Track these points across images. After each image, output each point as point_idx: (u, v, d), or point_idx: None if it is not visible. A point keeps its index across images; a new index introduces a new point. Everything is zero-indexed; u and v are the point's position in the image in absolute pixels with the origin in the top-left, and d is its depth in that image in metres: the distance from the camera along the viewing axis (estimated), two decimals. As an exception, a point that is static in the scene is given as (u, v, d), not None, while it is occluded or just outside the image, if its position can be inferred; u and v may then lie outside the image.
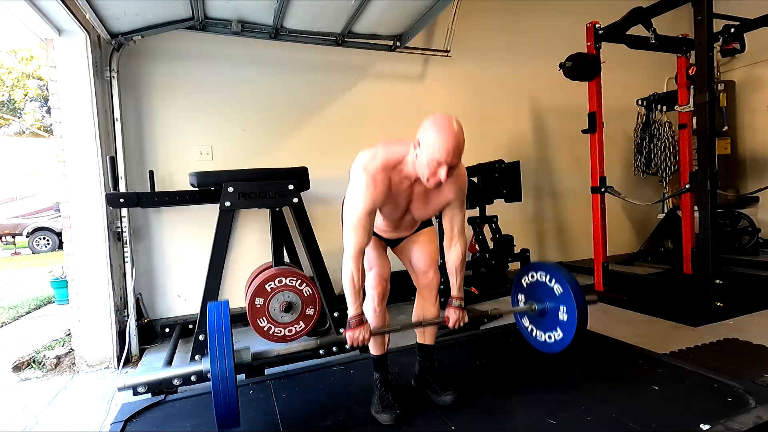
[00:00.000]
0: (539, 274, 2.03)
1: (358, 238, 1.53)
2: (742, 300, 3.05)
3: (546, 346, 2.03)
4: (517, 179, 3.58)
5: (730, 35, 3.63)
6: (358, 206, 1.52)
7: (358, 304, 1.58)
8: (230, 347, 1.44)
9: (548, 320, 2.00)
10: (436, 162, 1.42)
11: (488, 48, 4.31)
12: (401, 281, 2.09)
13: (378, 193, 1.51)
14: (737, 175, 5.02)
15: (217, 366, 1.41)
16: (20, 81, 15.71)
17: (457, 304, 1.73)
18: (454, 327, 1.73)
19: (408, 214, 1.67)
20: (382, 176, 1.52)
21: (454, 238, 1.72)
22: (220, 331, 1.46)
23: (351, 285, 1.55)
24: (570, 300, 1.85)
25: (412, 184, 1.59)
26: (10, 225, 11.59)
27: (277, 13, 2.95)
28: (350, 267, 1.54)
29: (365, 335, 1.57)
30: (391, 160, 1.54)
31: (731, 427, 1.47)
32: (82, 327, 2.58)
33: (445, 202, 1.66)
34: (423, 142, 1.44)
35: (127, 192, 2.73)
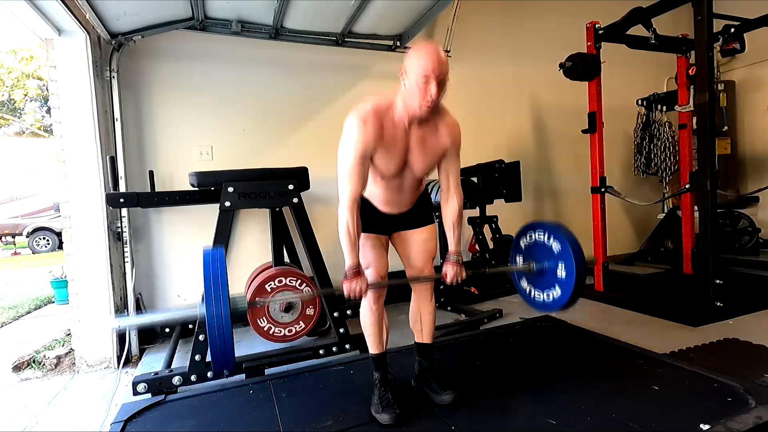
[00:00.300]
0: (537, 233, 2.01)
1: (352, 186, 1.54)
2: (742, 300, 3.05)
3: (544, 306, 2.00)
4: (517, 179, 3.57)
5: (730, 35, 3.63)
6: (350, 151, 1.53)
7: (354, 254, 1.56)
8: (226, 291, 1.42)
9: (547, 279, 1.97)
10: (423, 78, 1.45)
11: (488, 48, 4.31)
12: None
13: (369, 134, 1.52)
14: (737, 175, 5.01)
15: (213, 309, 1.40)
16: (20, 81, 15.71)
17: (455, 259, 1.72)
18: (452, 282, 1.72)
19: (407, 170, 1.64)
20: (373, 120, 1.53)
21: (451, 190, 1.72)
22: (216, 276, 1.44)
23: (347, 235, 1.55)
24: (569, 257, 1.83)
25: (407, 131, 1.59)
26: (10, 225, 11.59)
27: (277, 13, 2.95)
28: (345, 216, 1.54)
29: (362, 286, 1.56)
30: (381, 105, 1.57)
31: (731, 427, 1.47)
32: (82, 327, 2.58)
33: (442, 149, 1.65)
34: (408, 66, 1.49)
35: (127, 192, 2.73)
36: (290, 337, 2.51)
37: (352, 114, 1.56)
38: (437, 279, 1.76)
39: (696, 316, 2.81)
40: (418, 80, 1.46)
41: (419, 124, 1.60)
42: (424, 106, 1.49)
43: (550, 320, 2.76)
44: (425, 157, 1.63)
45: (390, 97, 1.60)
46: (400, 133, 1.58)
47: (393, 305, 3.35)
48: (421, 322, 1.85)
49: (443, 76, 1.48)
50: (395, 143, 1.57)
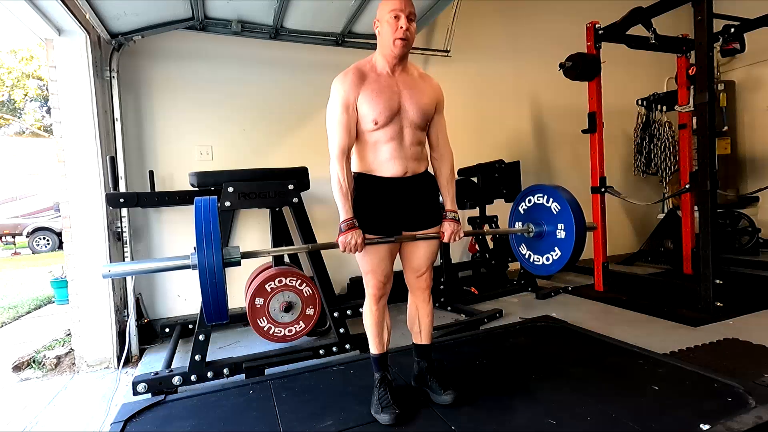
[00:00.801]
0: (536, 196, 2.00)
1: (339, 138, 1.59)
2: (742, 300, 3.06)
3: (543, 269, 2.00)
4: (517, 179, 3.58)
5: (730, 35, 3.63)
6: (333, 105, 1.61)
7: (348, 207, 1.58)
8: (218, 241, 1.40)
9: (546, 242, 1.97)
10: (393, 16, 1.55)
11: (488, 48, 4.31)
12: (401, 281, 2.09)
13: (348, 83, 1.59)
14: (737, 175, 5.01)
15: (205, 258, 1.38)
16: (20, 81, 15.70)
17: (452, 216, 1.73)
18: (449, 240, 1.72)
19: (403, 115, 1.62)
20: (353, 71, 1.61)
21: (440, 146, 1.76)
22: (208, 225, 1.42)
23: (339, 188, 1.58)
24: (568, 216, 1.83)
25: (391, 76, 1.63)
26: (10, 225, 11.59)
27: (277, 13, 2.95)
28: (336, 169, 1.58)
29: (357, 239, 1.56)
30: (361, 61, 1.67)
31: (731, 427, 1.47)
32: (82, 327, 2.58)
33: (433, 97, 1.69)
34: (379, 14, 1.61)
35: (127, 192, 2.73)
36: (290, 337, 2.51)
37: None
38: (436, 237, 1.73)
39: (696, 316, 2.81)
40: (389, 20, 1.56)
41: (403, 71, 1.66)
42: (398, 40, 1.56)
43: (550, 320, 2.76)
44: (419, 97, 1.65)
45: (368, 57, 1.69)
46: (384, 78, 1.63)
47: (393, 305, 3.34)
48: (420, 323, 1.85)
49: (410, 10, 1.58)
50: (381, 87, 1.60)
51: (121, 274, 1.56)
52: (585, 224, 1.85)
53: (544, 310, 3.11)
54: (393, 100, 1.60)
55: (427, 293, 1.83)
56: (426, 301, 1.83)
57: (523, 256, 2.14)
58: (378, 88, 1.59)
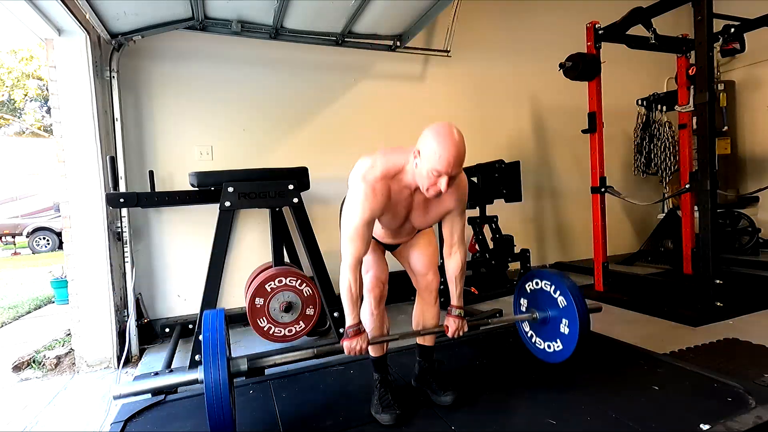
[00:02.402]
0: (543, 282, 2.02)
1: (356, 248, 1.52)
2: (742, 300, 3.05)
3: (545, 355, 2.03)
4: (517, 179, 3.58)
5: (730, 35, 3.63)
6: (356, 216, 1.50)
7: (355, 313, 1.57)
8: (224, 358, 1.43)
9: (549, 329, 1.99)
10: (436, 172, 1.40)
11: (488, 48, 4.31)
12: (400, 281, 2.09)
13: (377, 203, 1.49)
14: (737, 175, 5.01)
15: (211, 376, 1.41)
16: (20, 81, 15.71)
17: (457, 313, 1.72)
18: (453, 336, 1.73)
19: (407, 222, 1.66)
20: (381, 186, 1.49)
21: (454, 246, 1.71)
22: (215, 341, 1.46)
23: (349, 295, 1.54)
24: (573, 314, 1.85)
25: (412, 194, 1.57)
26: (10, 225, 11.59)
27: (277, 13, 2.95)
28: (348, 277, 1.53)
29: (362, 345, 1.57)
30: (390, 170, 1.51)
31: (731, 427, 1.47)
32: (82, 327, 2.58)
33: (445, 212, 1.65)
34: (423, 152, 1.41)
35: (127, 192, 2.73)
36: (290, 337, 2.51)
37: (361, 174, 1.51)
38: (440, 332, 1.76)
39: (696, 316, 2.81)
40: (430, 173, 1.41)
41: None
42: (431, 194, 1.47)
43: (550, 320, 2.76)
44: (426, 217, 1.65)
45: (400, 159, 1.53)
46: (404, 196, 1.57)
47: (393, 305, 3.37)
48: (424, 325, 1.85)
49: (457, 171, 1.43)
50: (399, 204, 1.57)
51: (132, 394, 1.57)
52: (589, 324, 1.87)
53: (544, 310, 3.10)
54: (404, 216, 1.62)
55: (434, 295, 1.83)
56: (432, 303, 1.84)
57: (526, 335, 2.17)
58: (397, 207, 1.57)
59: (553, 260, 4.69)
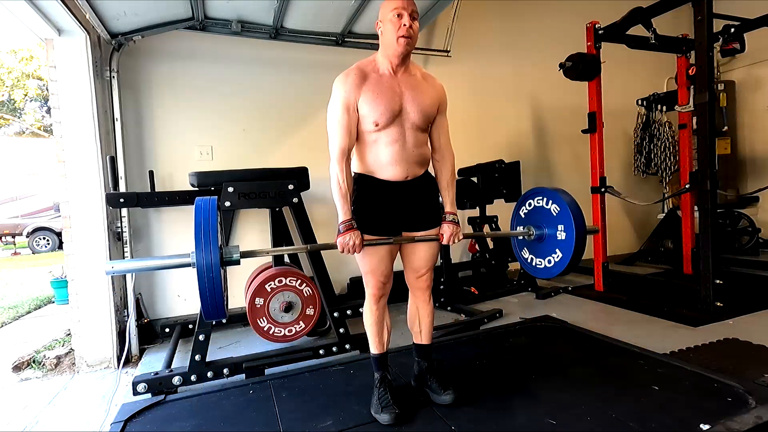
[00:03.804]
0: (536, 199, 2.01)
1: (340, 139, 1.58)
2: (742, 300, 3.06)
3: (545, 271, 2.00)
4: (517, 179, 3.58)
5: (730, 35, 3.63)
6: (334, 105, 1.60)
7: (347, 208, 1.58)
8: (216, 240, 1.41)
9: (547, 244, 1.97)
10: (396, 14, 1.54)
11: (488, 48, 4.30)
12: (401, 281, 2.09)
13: (350, 83, 1.58)
14: (737, 175, 5.01)
15: (203, 257, 1.39)
16: (20, 81, 15.71)
17: (451, 219, 1.72)
18: (449, 242, 1.71)
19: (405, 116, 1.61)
20: (354, 71, 1.60)
21: (442, 149, 1.75)
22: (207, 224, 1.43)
23: (338, 189, 1.58)
24: (567, 218, 1.83)
25: (393, 76, 1.63)
26: (10, 225, 11.59)
27: (277, 13, 2.95)
28: (335, 170, 1.58)
29: (356, 240, 1.56)
30: (363, 61, 1.66)
31: (731, 427, 1.47)
32: (82, 327, 2.58)
33: (436, 97, 1.68)
34: (381, 14, 1.60)
35: (127, 192, 2.73)
36: (290, 337, 2.51)
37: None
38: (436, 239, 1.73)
39: (696, 316, 2.81)
40: (392, 18, 1.55)
41: (405, 71, 1.65)
42: (401, 38, 1.55)
43: (550, 320, 2.76)
44: (421, 99, 1.64)
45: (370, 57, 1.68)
46: (386, 79, 1.62)
47: (393, 305, 3.35)
48: (420, 323, 1.85)
49: (413, 8, 1.58)
50: (382, 88, 1.60)
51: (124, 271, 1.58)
52: (585, 224, 1.85)
53: (544, 310, 3.11)
54: (394, 101, 1.59)
55: (428, 294, 1.83)
56: (426, 301, 1.83)
57: (526, 260, 2.14)
58: (379, 89, 1.59)
59: (553, 260, 4.68)
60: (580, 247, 1.83)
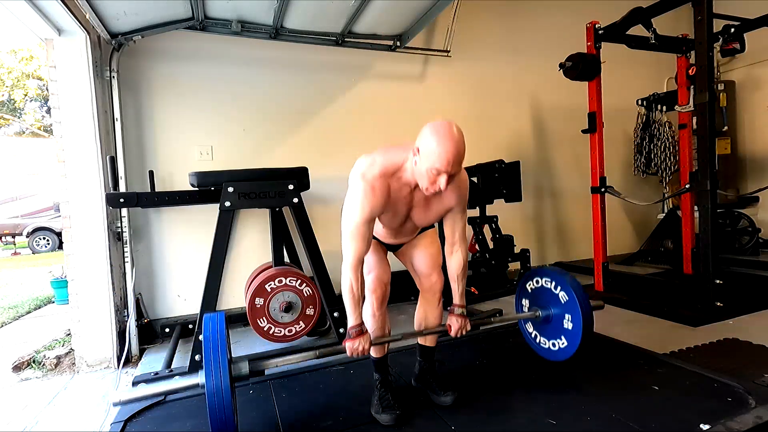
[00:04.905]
0: (544, 280, 2.01)
1: (357, 247, 1.52)
2: (742, 300, 3.05)
3: (550, 354, 2.03)
4: (517, 179, 3.57)
5: (730, 35, 3.63)
6: (356, 215, 1.50)
7: (357, 314, 1.56)
8: (226, 362, 1.42)
9: (553, 327, 1.99)
10: (435, 171, 1.39)
11: (488, 48, 4.30)
12: (401, 281, 2.09)
13: (377, 201, 1.49)
14: (737, 175, 5.01)
15: (212, 381, 1.40)
16: (20, 81, 15.72)
17: (459, 312, 1.72)
18: (456, 336, 1.73)
19: (408, 221, 1.66)
20: (380, 183, 1.49)
21: (455, 244, 1.71)
22: (215, 345, 1.45)
23: (350, 295, 1.54)
24: (575, 309, 1.84)
25: (412, 191, 1.57)
26: (10, 225, 11.59)
27: (277, 13, 2.95)
28: (349, 277, 1.53)
29: (365, 345, 1.56)
30: (389, 167, 1.51)
31: (731, 427, 1.47)
32: (82, 327, 2.58)
33: (445, 210, 1.65)
34: (422, 150, 1.41)
35: (127, 192, 2.73)
36: (290, 337, 2.51)
37: (360, 174, 1.51)
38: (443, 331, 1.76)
39: (696, 316, 2.80)
40: (429, 171, 1.40)
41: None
42: (430, 192, 1.47)
43: (550, 320, 2.76)
44: (427, 215, 1.65)
45: (399, 156, 1.53)
46: (404, 194, 1.56)
47: (394, 305, 3.37)
48: (426, 326, 1.84)
49: (457, 170, 1.42)
50: (399, 202, 1.57)
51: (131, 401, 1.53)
52: (592, 317, 1.86)
53: (544, 310, 3.11)
54: (405, 214, 1.62)
55: (438, 296, 1.82)
56: (435, 304, 1.83)
57: (530, 335, 2.16)
58: (398, 205, 1.57)
59: (553, 260, 4.69)
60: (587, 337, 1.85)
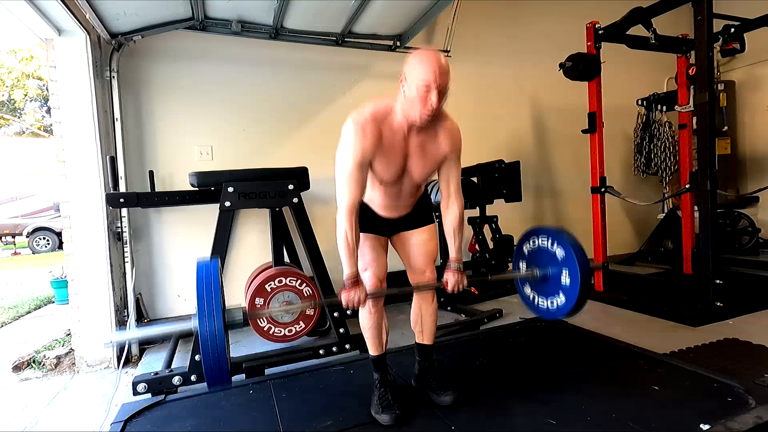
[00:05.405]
0: (541, 239, 1.99)
1: (350, 193, 1.52)
2: (742, 300, 3.05)
3: (548, 313, 1.97)
4: (517, 179, 3.57)
5: (730, 35, 3.63)
6: (348, 158, 1.51)
7: (353, 263, 1.54)
8: (219, 306, 1.37)
9: (550, 285, 1.94)
10: (424, 86, 1.42)
11: (488, 48, 4.30)
12: (401, 281, 2.09)
13: (368, 142, 1.50)
14: (737, 175, 5.01)
15: (206, 325, 1.34)
16: (20, 81, 15.71)
17: (456, 267, 1.70)
18: (453, 291, 1.70)
19: (406, 177, 1.63)
20: (371, 126, 1.51)
21: (451, 196, 1.71)
22: (209, 289, 1.38)
23: (345, 243, 1.53)
24: (572, 263, 1.81)
25: (406, 137, 1.57)
26: (10, 225, 11.59)
27: (277, 13, 2.95)
28: (344, 224, 1.53)
29: (361, 296, 1.54)
30: (380, 111, 1.55)
31: (731, 427, 1.47)
32: (82, 327, 2.58)
33: (442, 156, 1.64)
34: (408, 73, 1.46)
35: (127, 192, 2.73)
36: (290, 337, 2.51)
37: (349, 119, 1.53)
38: (438, 287, 1.74)
39: (696, 316, 2.81)
40: (419, 88, 1.43)
41: (418, 130, 1.58)
42: (424, 114, 1.46)
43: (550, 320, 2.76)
44: (424, 163, 1.62)
45: (389, 103, 1.57)
46: (398, 139, 1.56)
47: (393, 305, 3.37)
48: (422, 323, 1.85)
49: (445, 84, 1.45)
50: (393, 150, 1.56)
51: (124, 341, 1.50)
52: (590, 272, 1.84)
53: (544, 310, 3.11)
54: (402, 163, 1.59)
55: (431, 293, 1.82)
56: (429, 301, 1.83)
57: (528, 297, 2.13)
58: (392, 152, 1.56)
59: (553, 260, 4.68)
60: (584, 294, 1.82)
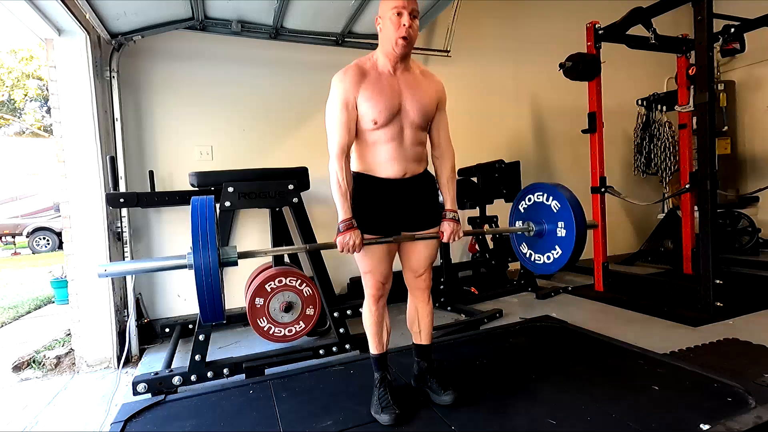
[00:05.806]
0: (536, 194, 1.99)
1: (339, 137, 1.57)
2: (742, 300, 3.06)
3: (545, 267, 1.98)
4: (517, 179, 3.57)
5: (730, 35, 3.63)
6: (333, 103, 1.59)
7: (347, 207, 1.56)
8: (214, 241, 1.38)
9: (546, 240, 1.95)
10: (396, 12, 1.52)
11: (488, 48, 4.30)
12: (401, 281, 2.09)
13: (348, 81, 1.56)
14: (737, 175, 5.01)
15: (201, 258, 1.36)
16: (20, 81, 15.70)
17: (452, 217, 1.71)
18: (449, 240, 1.71)
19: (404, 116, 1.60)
20: (353, 68, 1.59)
21: (442, 145, 1.75)
22: (204, 224, 1.40)
23: (338, 187, 1.56)
24: (568, 214, 1.81)
25: (393, 75, 1.61)
26: (10, 225, 11.58)
27: (277, 13, 2.95)
28: (335, 168, 1.57)
29: (356, 240, 1.55)
30: (362, 60, 1.64)
31: (731, 427, 1.47)
32: (82, 327, 2.58)
33: (434, 98, 1.67)
34: (381, 10, 1.57)
35: (127, 192, 2.73)
36: (290, 337, 2.51)
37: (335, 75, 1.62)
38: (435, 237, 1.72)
39: (696, 316, 2.81)
40: (391, 17, 1.53)
41: (404, 69, 1.64)
42: (399, 39, 1.53)
43: (550, 320, 2.76)
44: (420, 98, 1.62)
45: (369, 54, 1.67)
46: (385, 77, 1.61)
47: (393, 305, 3.35)
48: (419, 324, 1.84)
49: (413, 6, 1.55)
50: (381, 86, 1.58)
51: (118, 273, 1.55)
52: (585, 222, 1.84)
53: (544, 310, 3.11)
54: (393, 99, 1.58)
55: (427, 293, 1.82)
56: (425, 301, 1.83)
57: (524, 255, 2.12)
58: (378, 88, 1.57)
59: (553, 260, 4.68)
60: (580, 244, 1.82)
